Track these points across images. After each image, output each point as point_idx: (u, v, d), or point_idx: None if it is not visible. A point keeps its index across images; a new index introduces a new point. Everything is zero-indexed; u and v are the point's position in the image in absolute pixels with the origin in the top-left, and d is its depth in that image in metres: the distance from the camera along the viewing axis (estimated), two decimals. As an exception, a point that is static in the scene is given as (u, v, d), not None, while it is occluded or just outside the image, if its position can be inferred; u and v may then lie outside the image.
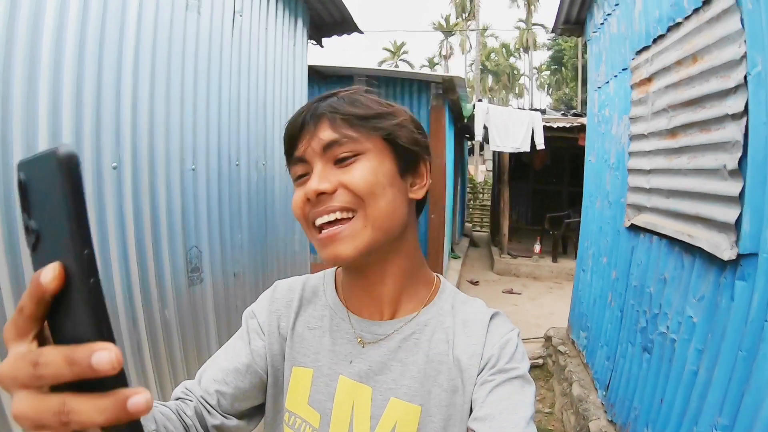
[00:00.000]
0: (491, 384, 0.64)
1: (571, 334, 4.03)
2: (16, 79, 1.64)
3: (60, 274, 0.30)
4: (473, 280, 7.92)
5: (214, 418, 0.70)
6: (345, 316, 0.74)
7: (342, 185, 0.64)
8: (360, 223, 0.64)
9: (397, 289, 0.72)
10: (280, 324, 0.77)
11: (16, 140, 1.67)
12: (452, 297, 0.76)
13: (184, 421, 0.66)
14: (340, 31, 4.82)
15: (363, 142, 0.66)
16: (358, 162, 0.65)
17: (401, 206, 0.68)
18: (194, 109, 2.66)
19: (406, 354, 0.70)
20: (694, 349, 1.84)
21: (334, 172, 0.65)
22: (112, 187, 2.09)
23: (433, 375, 0.68)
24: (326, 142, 0.65)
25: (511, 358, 0.66)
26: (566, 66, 33.12)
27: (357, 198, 0.64)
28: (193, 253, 2.75)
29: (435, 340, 0.70)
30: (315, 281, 0.81)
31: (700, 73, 1.88)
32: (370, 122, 0.66)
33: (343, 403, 0.69)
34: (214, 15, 2.79)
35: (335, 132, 0.65)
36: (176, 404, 0.68)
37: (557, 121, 7.45)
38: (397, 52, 40.92)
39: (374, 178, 0.65)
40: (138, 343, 2.25)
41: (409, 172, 0.71)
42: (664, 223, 2.27)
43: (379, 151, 0.67)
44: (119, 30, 2.09)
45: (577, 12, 4.03)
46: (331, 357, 0.72)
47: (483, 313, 0.72)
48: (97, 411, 0.30)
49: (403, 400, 0.67)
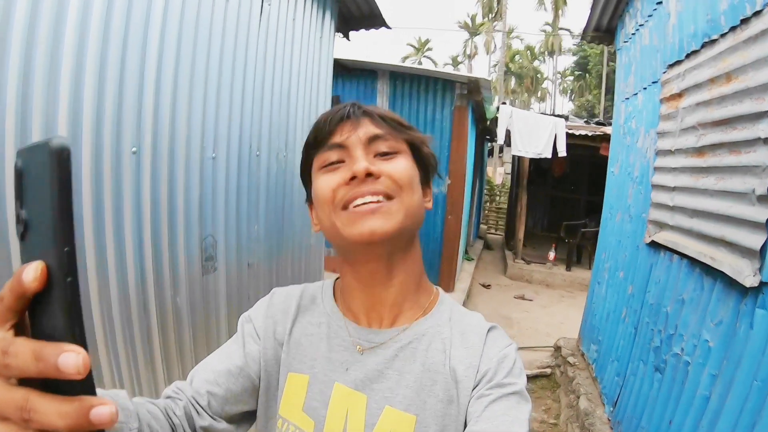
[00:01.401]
0: (488, 399, 0.64)
1: (582, 346, 3.98)
2: (38, 58, 1.63)
3: (42, 275, 0.30)
4: (485, 283, 7.87)
5: (203, 419, 0.70)
6: (342, 324, 0.75)
7: (386, 174, 0.67)
8: (396, 206, 0.67)
9: (401, 295, 0.73)
10: (276, 329, 0.77)
11: (36, 122, 1.67)
12: (450, 308, 0.76)
13: (172, 420, 0.66)
14: (368, 25, 4.79)
15: (401, 143, 0.72)
16: (399, 158, 0.70)
17: (421, 208, 0.73)
18: (217, 96, 2.66)
19: (402, 363, 0.70)
20: (708, 374, 1.80)
21: (376, 162, 0.68)
22: (130, 172, 2.09)
23: (429, 385, 0.68)
24: (373, 134, 0.69)
25: (508, 373, 0.66)
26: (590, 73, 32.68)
27: (398, 186, 0.67)
28: (209, 242, 2.76)
29: (432, 350, 0.70)
30: (313, 290, 0.82)
31: (734, 93, 1.83)
32: (404, 129, 0.73)
33: (338, 410, 0.69)
34: (242, 3, 2.78)
35: (379, 128, 0.70)
36: (165, 403, 0.68)
37: (579, 129, 7.34)
38: (422, 49, 40.73)
39: (411, 174, 0.70)
40: (148, 330, 2.27)
41: (425, 184, 0.76)
42: (686, 242, 2.22)
43: (410, 156, 0.73)
44: (146, 11, 2.08)
45: (608, 20, 3.95)
46: (327, 364, 0.72)
47: (481, 325, 0.73)
48: (59, 415, 0.29)
49: (398, 409, 0.67)
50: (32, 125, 1.65)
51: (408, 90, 6.12)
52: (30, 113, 1.64)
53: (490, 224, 14.64)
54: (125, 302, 2.13)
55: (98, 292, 1.97)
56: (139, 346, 2.22)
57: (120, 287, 2.09)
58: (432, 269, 6.29)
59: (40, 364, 0.29)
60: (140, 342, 2.23)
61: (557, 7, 32.56)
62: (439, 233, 6.29)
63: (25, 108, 1.63)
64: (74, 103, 1.79)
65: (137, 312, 2.20)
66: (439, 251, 6.30)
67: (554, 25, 34.14)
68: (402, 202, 0.67)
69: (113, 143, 2.00)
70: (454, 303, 0.78)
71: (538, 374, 4.22)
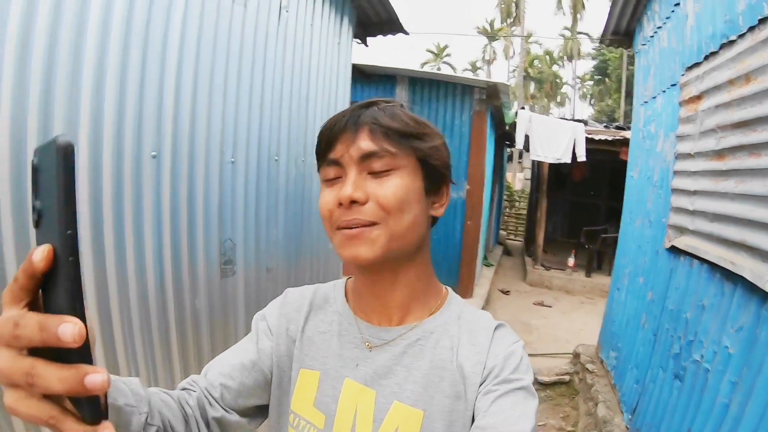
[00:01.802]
0: (494, 394, 0.64)
1: (601, 353, 3.92)
2: (60, 63, 1.68)
3: (48, 256, 0.34)
4: (504, 289, 7.81)
5: (215, 411, 0.72)
6: (353, 322, 0.76)
7: (374, 198, 0.66)
8: (382, 230, 0.66)
9: (407, 297, 0.74)
10: (289, 327, 0.79)
11: (57, 128, 1.70)
12: (459, 308, 0.77)
13: (185, 410, 0.68)
14: (385, 30, 4.82)
15: (399, 158, 0.68)
16: (392, 177, 0.67)
17: (422, 222, 0.71)
18: (237, 101, 2.70)
19: (410, 359, 0.71)
20: (728, 382, 1.76)
21: (368, 182, 0.67)
22: (150, 176, 2.13)
23: (436, 381, 0.69)
24: (365, 152, 0.66)
25: (515, 369, 0.67)
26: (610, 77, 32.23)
27: (385, 212, 0.66)
28: (228, 246, 2.80)
29: (440, 347, 0.71)
30: (326, 289, 0.83)
31: (753, 95, 1.80)
32: (408, 140, 0.68)
33: (347, 405, 0.71)
34: (261, 9, 2.82)
35: (375, 144, 0.67)
36: (179, 393, 0.71)
37: (599, 134, 7.25)
38: (440, 54, 40.73)
39: (405, 195, 0.67)
40: (166, 331, 2.30)
41: (434, 192, 0.73)
42: (707, 247, 2.18)
43: (412, 169, 0.69)
44: (165, 17, 2.13)
45: (627, 23, 3.91)
46: (338, 360, 0.74)
47: (488, 324, 0.74)
48: (59, 380, 0.34)
49: (406, 404, 0.68)
50: (54, 131, 1.70)
51: (427, 95, 6.13)
52: (52, 118, 1.69)
53: (509, 230, 14.52)
54: (144, 304, 2.17)
55: (117, 293, 2.01)
56: (158, 347, 2.26)
57: (139, 289, 2.13)
58: (451, 274, 6.26)
59: (43, 334, 0.33)
60: (158, 343, 2.26)
61: (575, 11, 32.26)
62: (459, 238, 6.26)
63: (47, 112, 1.67)
64: (95, 107, 1.84)
65: (156, 313, 2.24)
66: (458, 256, 6.27)
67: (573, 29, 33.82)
68: (386, 227, 0.66)
69: (134, 147, 2.04)
70: (464, 302, 0.79)
71: (557, 381, 4.16)
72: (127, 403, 0.56)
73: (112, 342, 2.00)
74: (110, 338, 2.00)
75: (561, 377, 4.21)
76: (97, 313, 1.92)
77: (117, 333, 2.03)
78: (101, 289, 1.93)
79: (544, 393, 4.12)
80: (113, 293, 1.99)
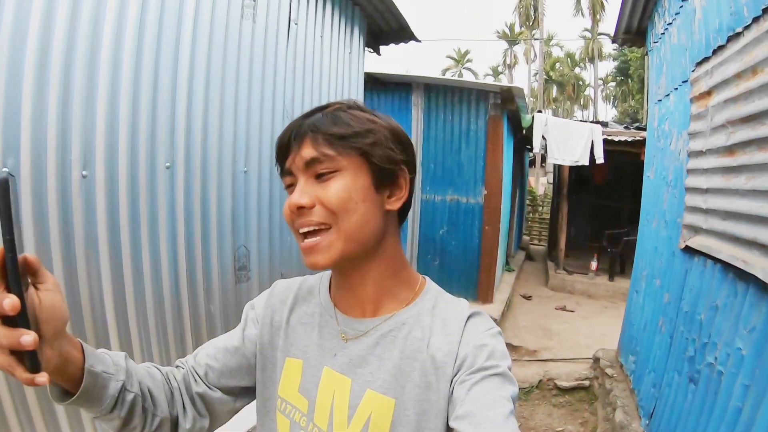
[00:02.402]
0: (469, 382, 0.65)
1: (620, 357, 3.84)
2: (76, 80, 1.76)
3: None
4: (526, 294, 7.71)
5: (198, 386, 0.80)
6: (332, 314, 0.80)
7: (319, 201, 0.70)
8: (333, 235, 0.70)
9: (377, 290, 0.77)
10: (274, 317, 0.85)
11: (75, 136, 1.78)
12: (435, 297, 0.79)
13: (170, 383, 0.78)
14: (397, 39, 4.85)
15: (340, 160, 0.71)
16: (334, 179, 0.70)
17: (374, 218, 0.73)
18: (248, 113, 2.77)
19: (383, 350, 0.74)
20: (741, 384, 1.71)
21: (314, 187, 0.71)
22: (164, 186, 2.21)
23: (408, 371, 0.71)
24: (307, 160, 0.71)
25: (489, 356, 0.68)
26: (632, 77, 31.62)
27: (332, 213, 0.70)
28: (242, 252, 2.86)
29: (411, 338, 0.74)
30: (312, 281, 0.88)
31: (760, 87, 1.77)
32: (347, 141, 0.71)
33: (326, 391, 0.75)
34: (269, 23, 2.89)
35: (315, 150, 0.70)
36: (168, 369, 0.81)
37: (618, 135, 7.14)
38: (461, 60, 40.69)
39: (347, 195, 0.70)
40: (181, 333, 2.37)
41: (386, 186, 0.75)
42: (720, 246, 2.13)
43: (355, 168, 0.72)
44: (176, 33, 2.21)
45: (638, 21, 3.86)
46: (318, 350, 0.78)
47: (462, 312, 0.75)
48: (3, 336, 0.50)
49: (378, 392, 0.71)
50: (72, 145, 1.78)
51: (442, 102, 6.14)
52: (69, 132, 1.77)
53: (533, 235, 14.34)
54: (160, 308, 2.24)
55: (134, 297, 2.08)
56: (173, 350, 2.32)
57: (155, 294, 2.20)
58: (470, 280, 6.22)
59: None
60: (174, 345, 2.33)
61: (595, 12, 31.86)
62: (477, 244, 6.21)
63: (65, 126, 1.75)
64: (110, 121, 1.92)
65: (171, 317, 2.31)
66: (476, 262, 6.22)
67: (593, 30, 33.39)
68: (339, 229, 0.70)
69: (148, 158, 2.12)
70: (441, 292, 0.81)
71: (576, 386, 4.10)
72: (105, 371, 0.66)
73: (129, 342, 2.08)
74: (127, 338, 2.07)
75: (580, 382, 4.14)
76: (114, 311, 2.00)
77: (134, 334, 2.10)
78: (118, 292, 2.01)
79: (563, 398, 4.06)
80: (130, 296, 2.06)
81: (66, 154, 1.77)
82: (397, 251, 0.80)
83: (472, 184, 6.14)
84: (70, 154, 1.78)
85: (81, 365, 0.63)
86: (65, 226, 1.79)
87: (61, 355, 0.60)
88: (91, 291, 1.91)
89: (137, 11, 2.00)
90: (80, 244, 1.85)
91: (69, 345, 0.62)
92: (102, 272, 1.95)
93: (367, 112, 0.76)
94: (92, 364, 0.65)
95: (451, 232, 6.32)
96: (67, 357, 0.61)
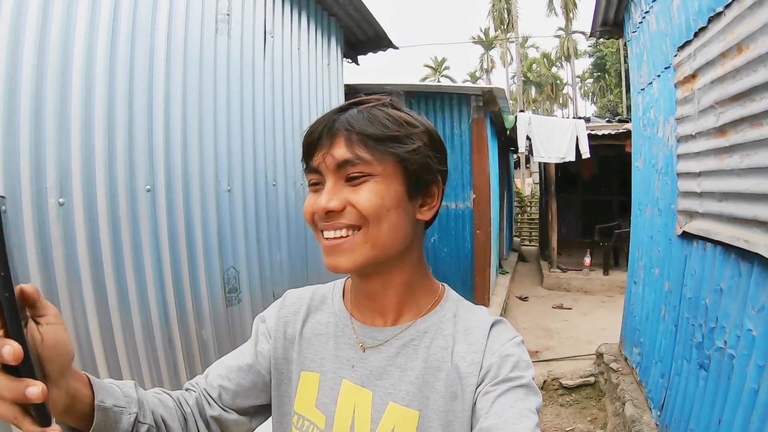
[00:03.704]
0: (494, 394, 0.63)
1: (624, 350, 3.79)
2: (48, 104, 1.69)
3: None
4: (522, 295, 7.68)
5: (212, 410, 0.76)
6: (349, 323, 0.77)
7: (351, 205, 0.66)
8: (361, 238, 0.67)
9: (399, 298, 0.74)
10: (287, 330, 0.80)
11: (50, 163, 1.71)
12: (455, 306, 0.76)
13: (183, 409, 0.73)
14: (375, 47, 4.84)
15: (374, 164, 0.66)
16: (368, 184, 0.66)
17: (405, 227, 0.69)
18: (228, 129, 2.70)
19: (404, 360, 0.71)
20: (755, 365, 1.67)
21: (345, 189, 0.67)
22: (146, 210, 2.13)
23: (432, 381, 0.69)
24: (339, 161, 0.66)
25: (513, 367, 0.65)
26: (609, 72, 32.13)
27: (363, 217, 0.66)
28: (231, 274, 2.77)
29: (434, 347, 0.71)
30: (324, 290, 0.84)
31: (747, 64, 1.75)
32: (384, 145, 0.67)
33: (346, 406, 0.71)
34: (245, 37, 2.84)
35: (349, 151, 0.66)
36: (179, 394, 0.75)
37: (602, 128, 7.18)
38: (439, 68, 41.04)
39: (380, 201, 0.66)
40: (174, 363, 2.27)
41: (420, 194, 0.71)
42: (718, 228, 2.11)
43: (390, 174, 0.67)
44: (149, 53, 2.14)
45: (615, 12, 3.89)
46: (335, 362, 0.75)
47: (485, 320, 0.72)
48: (7, 389, 0.44)
49: (401, 404, 0.68)
50: (47, 168, 1.70)
51: (424, 108, 6.12)
52: (44, 156, 1.69)
53: (523, 236, 14.37)
54: (150, 338, 2.14)
55: (122, 329, 1.99)
56: (166, 379, 2.22)
57: (144, 324, 2.10)
58: (465, 284, 6.17)
59: None
60: (167, 376, 2.23)
61: (568, 11, 32.40)
62: (469, 248, 6.17)
63: (39, 151, 1.67)
64: (86, 145, 1.84)
65: (162, 347, 2.21)
66: (470, 266, 6.18)
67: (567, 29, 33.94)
68: (367, 233, 0.66)
69: (127, 182, 2.04)
70: (461, 299, 0.78)
71: (582, 384, 4.04)
72: (116, 404, 0.61)
73: (119, 377, 1.97)
74: (117, 373, 1.97)
75: (585, 379, 4.08)
76: (102, 345, 1.90)
77: (124, 368, 2.00)
78: (104, 324, 1.92)
79: (569, 397, 4.00)
80: (117, 329, 1.97)
81: (41, 181, 1.69)
82: (421, 259, 0.76)
83: (460, 188, 6.12)
84: (45, 181, 1.70)
85: (90, 401, 0.58)
86: (44, 257, 1.69)
87: (68, 394, 0.54)
88: (76, 325, 1.81)
89: (107, 30, 1.92)
90: (61, 276, 1.75)
91: (76, 381, 0.56)
92: (86, 305, 1.85)
93: (404, 111, 0.71)
94: (102, 399, 0.59)
95: (443, 238, 6.27)
96: (74, 395, 0.55)
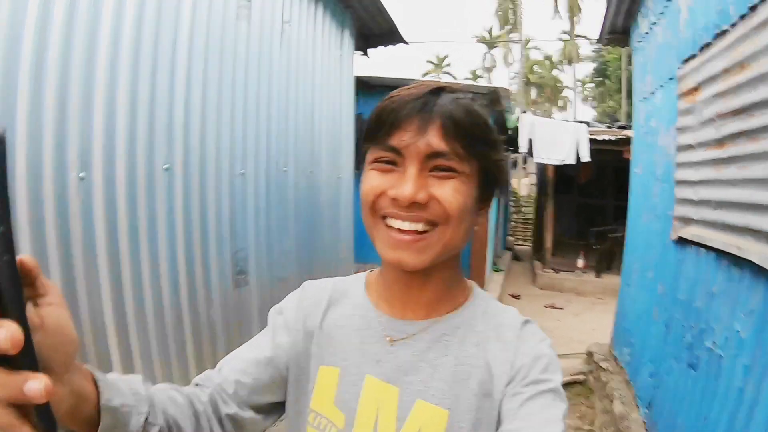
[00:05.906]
0: (522, 396, 0.62)
1: (614, 350, 3.91)
2: (73, 80, 1.73)
3: None
4: (515, 293, 7.79)
5: (228, 407, 0.69)
6: (374, 316, 0.73)
7: (436, 200, 0.62)
8: (437, 237, 0.64)
9: (437, 293, 0.72)
10: (307, 322, 0.76)
11: (72, 137, 1.75)
12: (485, 303, 0.74)
13: (195, 407, 0.66)
14: (386, 42, 4.88)
15: (464, 162, 0.63)
16: (455, 181, 0.63)
17: (467, 234, 0.68)
18: (244, 114, 2.75)
19: (435, 355, 0.68)
20: (741, 365, 1.77)
21: (429, 180, 0.63)
22: (163, 188, 2.18)
23: (464, 378, 0.66)
24: (434, 151, 0.62)
25: (544, 370, 0.64)
26: (610, 78, 32.18)
27: (446, 215, 0.63)
28: (240, 256, 2.83)
29: (466, 343, 0.69)
30: (344, 282, 0.81)
31: (748, 81, 1.83)
32: (478, 146, 0.64)
33: (369, 403, 0.68)
34: (264, 24, 2.89)
35: (445, 143, 0.62)
36: (191, 390, 0.68)
37: (602, 134, 7.27)
38: (440, 65, 40.97)
39: (465, 202, 0.64)
40: (182, 343, 2.32)
41: (485, 201, 0.70)
42: (713, 235, 2.20)
43: (471, 175, 0.65)
44: (173, 34, 2.20)
45: (623, 21, 3.97)
46: (359, 356, 0.71)
47: (516, 319, 0.71)
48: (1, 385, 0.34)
49: (430, 402, 0.66)
50: (69, 146, 1.74)
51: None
52: (68, 134, 1.74)
53: (517, 235, 14.46)
54: (160, 317, 2.19)
55: (134, 305, 2.04)
56: (174, 360, 2.26)
57: (155, 301, 2.15)
58: (460, 280, 6.25)
59: None
60: (175, 355, 2.27)
61: (572, 15, 32.38)
62: (467, 245, 6.26)
63: (63, 127, 1.72)
64: (108, 122, 1.89)
65: (172, 326, 2.25)
66: (466, 263, 6.27)
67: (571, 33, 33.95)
68: (444, 233, 0.63)
69: (146, 160, 2.09)
70: (490, 297, 0.77)
71: (572, 381, 4.15)
72: (124, 404, 0.53)
73: (129, 356, 2.02)
74: (127, 352, 2.01)
75: (575, 377, 4.20)
76: (115, 324, 1.94)
77: (134, 347, 2.04)
78: (117, 300, 1.96)
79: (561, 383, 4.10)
80: (129, 305, 2.01)
81: (63, 155, 1.72)
82: (458, 255, 0.74)
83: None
84: (68, 155, 1.74)
85: (95, 400, 0.50)
86: (63, 230, 1.73)
87: (73, 392, 0.46)
88: (91, 301, 1.84)
89: (135, 12, 1.98)
90: (78, 250, 1.79)
91: (80, 376, 0.48)
92: (101, 280, 1.89)
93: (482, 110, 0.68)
94: (109, 398, 0.51)
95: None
96: (79, 393, 0.47)
